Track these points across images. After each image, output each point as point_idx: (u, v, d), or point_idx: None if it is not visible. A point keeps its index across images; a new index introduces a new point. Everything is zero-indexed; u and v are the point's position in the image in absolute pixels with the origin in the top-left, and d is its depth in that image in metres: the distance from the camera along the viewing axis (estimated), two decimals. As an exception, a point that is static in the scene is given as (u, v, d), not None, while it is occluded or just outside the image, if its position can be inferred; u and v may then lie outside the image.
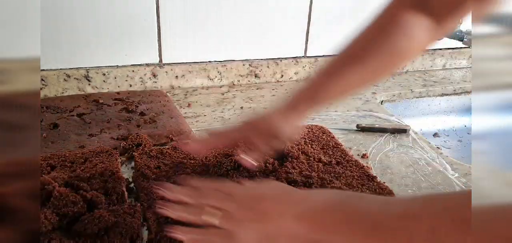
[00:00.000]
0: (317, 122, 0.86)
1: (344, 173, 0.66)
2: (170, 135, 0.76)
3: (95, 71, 0.92)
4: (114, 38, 0.91)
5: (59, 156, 0.66)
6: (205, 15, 0.95)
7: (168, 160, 0.68)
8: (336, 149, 0.73)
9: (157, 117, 0.82)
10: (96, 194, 0.56)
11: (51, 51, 0.87)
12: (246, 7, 0.97)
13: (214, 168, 0.66)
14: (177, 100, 0.94)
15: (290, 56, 1.07)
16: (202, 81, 1.01)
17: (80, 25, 0.87)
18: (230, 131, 0.62)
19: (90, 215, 0.53)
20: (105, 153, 0.67)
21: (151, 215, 0.56)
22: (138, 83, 0.96)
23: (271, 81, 1.07)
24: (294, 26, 1.04)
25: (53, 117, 0.80)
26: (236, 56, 1.02)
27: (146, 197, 0.59)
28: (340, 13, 1.06)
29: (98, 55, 0.91)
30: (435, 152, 0.77)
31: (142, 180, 0.62)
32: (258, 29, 1.01)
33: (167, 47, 0.95)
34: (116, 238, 0.50)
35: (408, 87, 1.09)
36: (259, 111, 0.68)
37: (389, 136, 0.82)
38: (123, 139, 0.74)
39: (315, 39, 1.07)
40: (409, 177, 0.69)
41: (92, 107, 0.85)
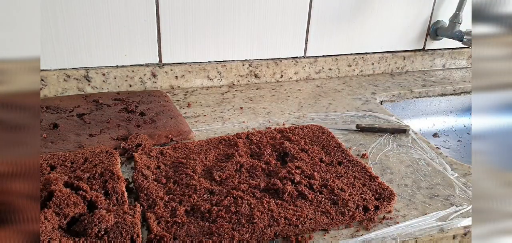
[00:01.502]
0: (316, 122, 0.86)
1: (346, 173, 0.67)
2: (170, 135, 0.76)
3: (95, 72, 0.92)
4: (114, 38, 0.91)
5: (59, 156, 0.66)
6: (205, 16, 0.95)
7: (168, 160, 0.68)
8: (337, 149, 0.73)
9: (157, 118, 0.82)
10: (96, 194, 0.56)
11: (51, 51, 0.87)
12: (245, 7, 0.97)
13: (216, 170, 0.66)
14: (177, 100, 0.94)
15: (289, 56, 1.07)
16: (202, 81, 1.01)
17: (80, 25, 0.87)
18: None
19: (90, 215, 0.53)
20: (105, 153, 0.67)
21: (151, 215, 0.56)
22: (138, 84, 0.96)
23: (271, 82, 1.07)
24: (294, 26, 1.04)
25: (53, 118, 0.80)
26: (236, 56, 1.02)
27: (146, 197, 0.59)
28: (340, 14, 1.06)
29: (98, 55, 0.91)
30: (434, 152, 0.77)
31: (142, 180, 0.62)
32: (258, 29, 1.01)
33: (166, 47, 0.95)
34: (116, 238, 0.50)
35: (408, 87, 1.09)
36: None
37: (389, 136, 0.82)
38: (123, 139, 0.74)
39: (315, 39, 1.07)
40: (408, 177, 0.69)
41: (92, 108, 0.85)
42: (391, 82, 1.12)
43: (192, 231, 0.53)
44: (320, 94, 1.02)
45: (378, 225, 0.58)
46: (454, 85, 1.13)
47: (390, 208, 0.60)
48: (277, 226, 0.54)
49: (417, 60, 1.21)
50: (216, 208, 0.57)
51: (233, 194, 0.60)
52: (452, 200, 0.64)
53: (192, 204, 0.58)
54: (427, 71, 1.23)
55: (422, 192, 0.66)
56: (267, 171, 0.67)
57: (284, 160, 0.71)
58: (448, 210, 0.61)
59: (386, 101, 1.05)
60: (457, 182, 0.68)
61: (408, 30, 1.16)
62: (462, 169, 0.72)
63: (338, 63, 1.12)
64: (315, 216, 0.57)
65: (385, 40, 1.15)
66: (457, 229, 0.58)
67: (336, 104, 0.96)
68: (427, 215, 0.60)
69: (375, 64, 1.17)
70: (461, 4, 1.11)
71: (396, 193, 0.63)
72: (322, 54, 1.10)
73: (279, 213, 0.56)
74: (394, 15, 1.12)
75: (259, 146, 0.73)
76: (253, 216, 0.55)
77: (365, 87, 1.08)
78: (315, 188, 0.62)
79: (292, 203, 0.59)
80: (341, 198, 0.60)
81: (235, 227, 0.54)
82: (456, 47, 1.24)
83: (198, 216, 0.56)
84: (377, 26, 1.12)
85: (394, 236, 0.56)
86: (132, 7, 0.89)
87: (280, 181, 0.63)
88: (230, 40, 1.00)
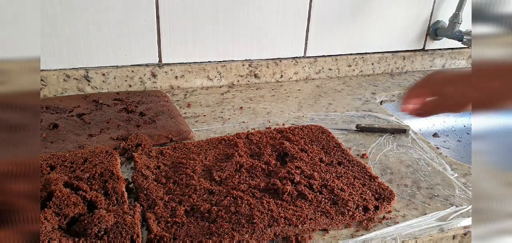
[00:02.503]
0: (316, 122, 0.86)
1: (345, 173, 0.67)
2: (169, 135, 0.76)
3: (95, 72, 0.92)
4: (114, 38, 0.91)
5: (58, 156, 0.66)
6: (204, 16, 0.95)
7: (168, 160, 0.68)
8: (336, 149, 0.73)
9: (157, 118, 0.82)
10: (95, 195, 0.56)
11: (51, 51, 0.87)
12: (245, 7, 0.97)
13: (216, 170, 0.66)
14: (177, 100, 0.94)
15: (289, 56, 1.07)
16: (201, 81, 1.01)
17: (80, 25, 0.87)
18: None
19: (89, 215, 0.53)
20: (104, 153, 0.67)
21: (151, 215, 0.56)
22: (137, 84, 0.96)
23: (270, 82, 1.07)
24: (293, 26, 1.04)
25: (53, 118, 0.79)
26: (236, 56, 1.02)
27: (146, 197, 0.59)
28: (340, 14, 1.06)
29: (97, 55, 0.91)
30: (434, 152, 0.77)
31: (141, 180, 0.62)
32: (257, 29, 1.01)
33: (166, 47, 0.95)
34: (116, 238, 0.50)
35: (408, 87, 1.09)
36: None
37: (389, 136, 0.82)
38: (123, 139, 0.74)
39: (315, 39, 1.07)
40: (408, 177, 0.69)
41: (92, 108, 0.85)
42: (391, 82, 1.12)
43: (192, 231, 0.53)
44: (320, 94, 1.02)
45: (378, 225, 0.58)
46: (454, 85, 1.13)
47: (390, 208, 0.60)
48: (277, 226, 0.54)
49: (417, 60, 1.21)
50: (216, 208, 0.57)
51: (233, 194, 0.60)
52: (452, 200, 0.64)
53: (192, 204, 0.58)
54: (427, 71, 1.23)
55: (422, 192, 0.66)
56: (267, 171, 0.67)
57: (284, 160, 0.71)
58: (448, 210, 0.61)
59: (386, 101, 1.05)
60: (457, 182, 0.68)
61: (408, 30, 1.16)
62: (462, 169, 0.72)
63: (338, 63, 1.12)
64: (315, 216, 0.57)
65: (385, 40, 1.15)
66: (457, 229, 0.58)
67: (336, 104, 0.96)
68: (427, 215, 0.60)
69: (375, 64, 1.17)
70: (461, 4, 1.11)
71: (396, 193, 0.63)
72: (322, 54, 1.10)
73: (279, 213, 0.56)
74: (394, 15, 1.12)
75: (259, 146, 0.73)
76: (253, 216, 0.55)
77: (365, 87, 1.08)
78: (315, 188, 0.62)
79: (292, 203, 0.59)
80: (341, 198, 0.60)
81: (235, 227, 0.54)
82: (456, 47, 1.24)
83: (198, 216, 0.56)
84: (377, 26, 1.12)
85: (394, 236, 0.56)
86: (132, 7, 0.89)
87: (280, 181, 0.63)
88: (230, 40, 1.00)
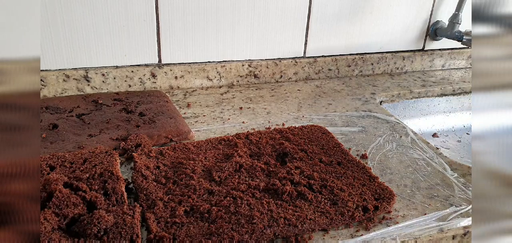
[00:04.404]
0: (316, 122, 0.86)
1: (345, 173, 0.67)
2: (169, 135, 0.76)
3: (94, 72, 0.91)
4: (113, 38, 0.91)
5: (58, 157, 0.66)
6: (204, 16, 0.95)
7: (168, 160, 0.68)
8: (336, 149, 0.73)
9: (157, 118, 0.81)
10: (95, 195, 0.56)
11: (50, 51, 0.87)
12: (245, 7, 0.97)
13: (216, 170, 0.66)
14: (177, 100, 0.94)
15: (289, 56, 1.07)
16: (201, 81, 1.01)
17: (80, 25, 0.87)
18: None
19: (89, 215, 0.53)
20: (104, 153, 0.67)
21: (151, 215, 0.56)
22: (137, 84, 0.96)
23: (270, 82, 1.07)
24: (293, 27, 1.04)
25: (52, 118, 0.79)
26: (235, 57, 1.02)
27: (146, 197, 0.59)
28: (340, 14, 1.06)
29: (97, 55, 0.91)
30: (434, 152, 0.77)
31: (141, 181, 0.62)
32: (257, 29, 1.01)
33: (166, 47, 0.95)
34: (115, 239, 0.50)
35: (407, 87, 1.09)
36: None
37: (389, 136, 0.82)
38: (123, 139, 0.74)
39: (314, 39, 1.07)
40: (408, 177, 0.69)
41: (92, 108, 0.85)
42: (391, 83, 1.12)
43: (192, 231, 0.53)
44: (320, 94, 1.02)
45: (378, 225, 0.58)
46: (454, 85, 1.13)
47: (390, 208, 0.60)
48: (276, 226, 0.54)
49: (416, 60, 1.21)
50: (216, 208, 0.57)
51: (233, 194, 0.60)
52: (452, 200, 0.64)
53: (192, 204, 0.58)
54: (426, 72, 1.23)
55: (421, 192, 0.66)
56: (266, 171, 0.67)
57: (284, 160, 0.71)
58: (448, 210, 0.61)
59: (386, 101, 1.05)
60: (457, 182, 0.68)
61: (407, 30, 1.16)
62: (461, 169, 0.72)
63: (337, 63, 1.12)
64: (314, 216, 0.57)
65: (384, 40, 1.15)
66: (456, 229, 0.58)
67: (335, 104, 0.96)
68: (427, 215, 0.60)
69: (374, 64, 1.17)
70: (460, 4, 1.11)
71: (396, 193, 0.64)
72: (321, 55, 1.10)
73: (278, 213, 0.56)
74: (393, 15, 1.12)
75: (259, 146, 0.73)
76: (252, 216, 0.55)
77: (365, 87, 1.08)
78: (315, 188, 0.62)
79: (291, 203, 0.59)
80: (341, 198, 0.60)
81: (234, 228, 0.54)
82: (456, 47, 1.25)
83: (197, 216, 0.56)
84: (376, 26, 1.12)
85: (393, 236, 0.56)
86: (131, 7, 0.89)
87: (280, 181, 0.63)
88: (230, 40, 1.00)
